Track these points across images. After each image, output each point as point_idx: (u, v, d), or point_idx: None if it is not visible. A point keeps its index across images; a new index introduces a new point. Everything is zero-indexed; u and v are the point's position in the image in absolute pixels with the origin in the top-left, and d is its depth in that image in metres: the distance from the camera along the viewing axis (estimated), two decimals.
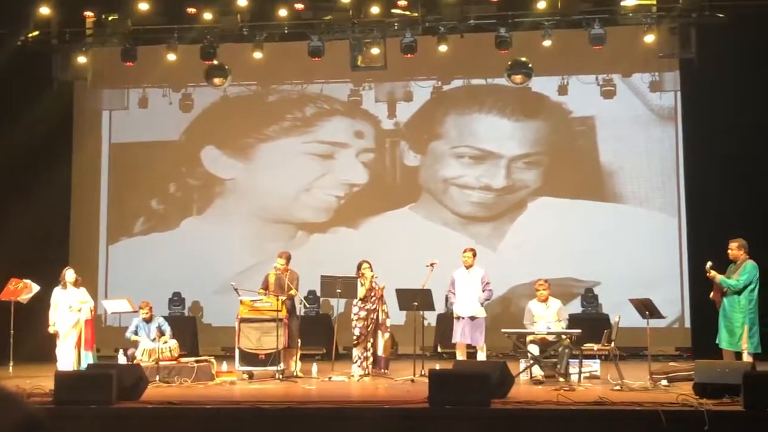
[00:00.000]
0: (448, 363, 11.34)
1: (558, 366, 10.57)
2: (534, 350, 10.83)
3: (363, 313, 11.70)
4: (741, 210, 13.41)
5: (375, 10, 13.82)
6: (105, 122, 16.37)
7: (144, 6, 13.98)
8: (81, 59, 14.61)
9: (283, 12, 13.99)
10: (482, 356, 11.55)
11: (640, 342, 11.53)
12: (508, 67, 14.28)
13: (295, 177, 15.79)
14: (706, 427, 7.50)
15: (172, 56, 14.53)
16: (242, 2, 13.88)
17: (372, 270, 11.82)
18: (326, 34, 14.23)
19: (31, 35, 14.28)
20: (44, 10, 13.92)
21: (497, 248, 14.64)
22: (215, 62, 14.51)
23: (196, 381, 10.85)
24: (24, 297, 12.11)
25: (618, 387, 9.75)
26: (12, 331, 12.03)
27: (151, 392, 9.46)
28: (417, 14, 13.94)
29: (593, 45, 13.75)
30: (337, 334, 12.58)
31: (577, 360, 10.59)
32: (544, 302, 11.41)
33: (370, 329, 11.67)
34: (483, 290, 11.64)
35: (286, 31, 14.47)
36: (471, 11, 13.84)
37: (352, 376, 11.35)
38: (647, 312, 10.26)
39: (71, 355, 11.64)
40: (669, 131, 15.03)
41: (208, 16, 14.04)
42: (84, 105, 16.24)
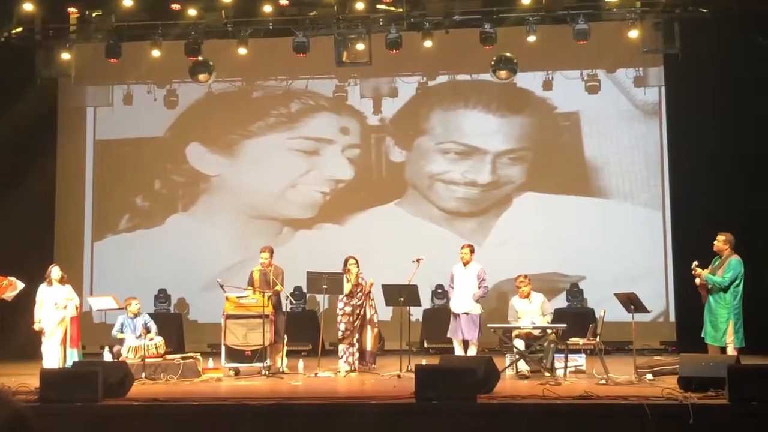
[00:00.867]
0: (435, 358, 11.37)
1: (543, 361, 10.60)
2: (520, 345, 10.87)
3: (348, 309, 11.70)
4: (725, 204, 13.48)
5: (360, 6, 13.80)
6: (89, 119, 16.29)
7: (128, 2, 13.92)
8: (65, 56, 14.53)
9: (268, 8, 13.95)
10: (472, 352, 11.59)
11: (625, 336, 11.59)
12: (493, 63, 14.31)
13: (281, 173, 15.77)
14: (691, 421, 7.54)
15: (157, 52, 14.49)
16: None
17: (358, 266, 11.83)
18: (311, 30, 14.22)
19: (15, 31, 14.19)
20: (27, 6, 13.83)
21: (482, 244, 14.64)
22: (200, 58, 14.48)
23: (182, 378, 10.84)
24: (9, 294, 12.04)
25: (603, 381, 9.79)
26: None
27: (137, 389, 9.44)
28: (402, 10, 13.94)
29: (578, 40, 13.80)
30: (324, 330, 12.57)
31: (563, 354, 10.63)
32: (526, 298, 11.44)
33: (357, 325, 11.68)
34: (479, 287, 11.69)
35: (271, 27, 14.44)
36: (455, 7, 13.85)
37: (339, 372, 11.36)
38: (632, 306, 10.31)
39: (57, 353, 11.59)
40: (653, 126, 15.09)
41: (193, 12, 13.99)
42: (68, 102, 16.17)
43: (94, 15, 14.17)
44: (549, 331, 10.82)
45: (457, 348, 11.84)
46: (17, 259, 13.21)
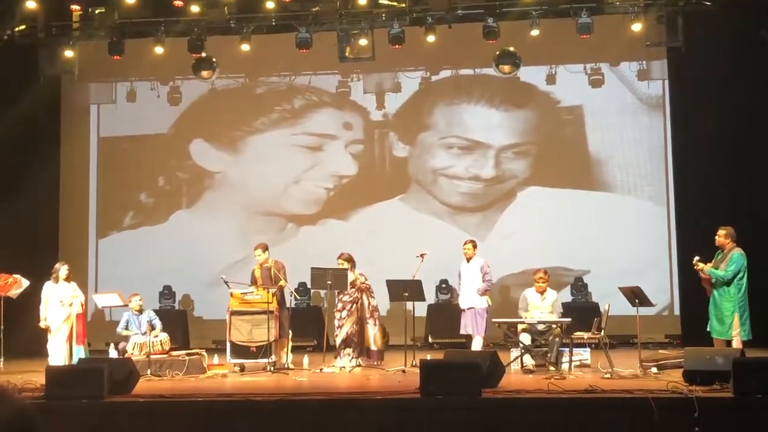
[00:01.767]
0: (439, 353, 11.36)
1: (548, 355, 10.60)
2: (525, 339, 10.86)
3: (340, 305, 11.72)
4: (729, 198, 13.46)
5: (362, 1, 13.79)
6: (93, 116, 16.31)
7: None
8: (68, 53, 14.53)
9: (270, 4, 13.94)
10: (477, 346, 11.59)
11: (630, 330, 11.57)
12: (496, 57, 14.30)
13: (284, 169, 15.77)
14: (696, 414, 7.53)
15: (160, 49, 14.49)
16: None
17: (348, 262, 11.75)
18: (314, 26, 14.21)
19: (18, 29, 14.21)
20: (30, 4, 13.81)
21: (486, 238, 14.65)
22: (203, 55, 14.48)
23: (188, 374, 10.85)
24: (14, 292, 12.06)
25: (608, 375, 9.79)
26: (2, 327, 11.98)
27: (143, 386, 9.45)
28: (404, 5, 13.92)
29: (581, 34, 13.76)
30: (328, 326, 12.57)
31: (568, 349, 10.62)
32: (542, 293, 11.40)
33: (354, 320, 11.62)
34: (483, 281, 11.72)
35: (274, 23, 14.44)
36: (458, 1, 13.84)
37: (344, 368, 11.36)
38: (637, 300, 10.30)
39: (63, 350, 11.61)
40: (657, 120, 15.07)
41: (195, 9, 13.97)
42: (71, 99, 16.19)
43: (97, 12, 14.18)
44: (554, 326, 10.82)
45: (470, 344, 11.89)
46: (22, 257, 13.23)
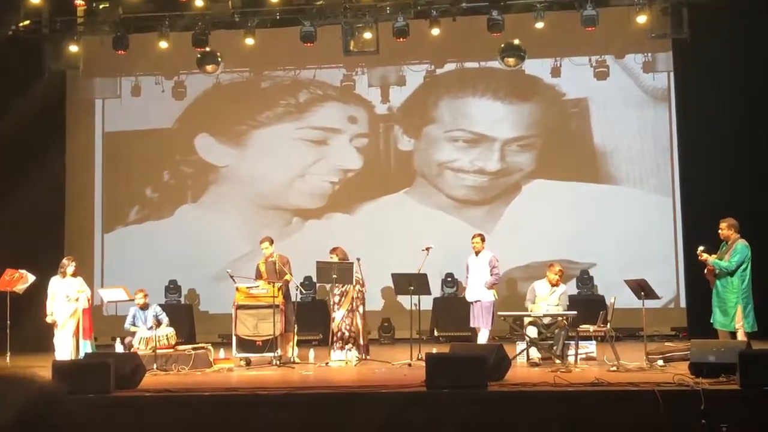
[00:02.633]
0: (445, 347, 11.36)
1: (554, 348, 10.58)
2: (531, 332, 10.85)
3: (336, 298, 11.78)
4: (734, 189, 13.41)
5: None
6: (98, 111, 16.32)
7: None
8: (72, 48, 14.55)
9: None
10: (483, 339, 11.60)
11: (636, 323, 11.56)
12: (501, 50, 14.26)
13: (290, 163, 15.77)
14: (703, 407, 7.53)
15: (164, 44, 14.49)
16: None
17: (339, 256, 11.75)
18: (318, 19, 14.20)
19: (22, 24, 14.23)
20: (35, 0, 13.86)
21: (492, 231, 14.62)
22: (207, 49, 14.48)
23: (194, 368, 10.87)
24: (20, 287, 12.08)
25: (614, 368, 9.77)
26: (8, 322, 12.01)
27: (149, 380, 9.47)
28: None
29: (586, 26, 13.74)
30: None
31: (573, 342, 10.62)
32: (554, 286, 11.35)
33: (344, 312, 11.62)
34: (491, 274, 11.73)
35: (278, 17, 14.44)
36: None
37: (349, 361, 11.36)
38: (643, 292, 10.28)
39: (69, 345, 11.63)
40: (662, 112, 15.03)
41: (200, 3, 13.97)
42: (76, 94, 16.19)
43: (101, 7, 14.17)
44: (560, 319, 10.81)
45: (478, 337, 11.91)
46: (28, 252, 13.26)
